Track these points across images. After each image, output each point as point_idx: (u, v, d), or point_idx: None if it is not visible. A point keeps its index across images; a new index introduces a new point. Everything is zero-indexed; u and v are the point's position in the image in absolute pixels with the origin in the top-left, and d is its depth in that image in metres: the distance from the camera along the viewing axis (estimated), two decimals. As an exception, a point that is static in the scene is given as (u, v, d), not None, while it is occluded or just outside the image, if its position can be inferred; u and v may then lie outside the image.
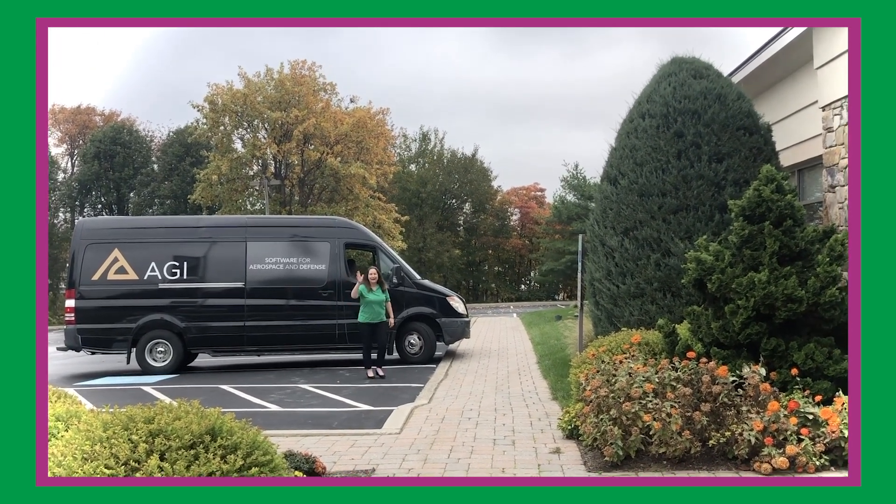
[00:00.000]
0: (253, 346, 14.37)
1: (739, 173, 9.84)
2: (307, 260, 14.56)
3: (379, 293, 12.33)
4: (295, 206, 37.59)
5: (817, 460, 5.68)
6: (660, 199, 9.90)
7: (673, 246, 9.67)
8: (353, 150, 36.92)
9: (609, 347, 8.06)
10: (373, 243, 15.51)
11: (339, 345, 14.48)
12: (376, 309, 12.27)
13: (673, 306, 9.57)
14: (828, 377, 6.57)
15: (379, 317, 12.31)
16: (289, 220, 18.61)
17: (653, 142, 10.16)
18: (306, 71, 37.68)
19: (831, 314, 6.69)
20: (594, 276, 10.71)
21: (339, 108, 38.24)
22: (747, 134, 10.06)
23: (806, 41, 10.64)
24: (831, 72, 9.88)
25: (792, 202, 7.04)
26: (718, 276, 7.01)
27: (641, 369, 6.57)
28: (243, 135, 38.00)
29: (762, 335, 6.77)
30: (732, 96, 10.23)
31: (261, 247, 14.50)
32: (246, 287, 14.21)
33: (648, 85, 10.87)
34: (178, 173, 44.77)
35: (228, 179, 36.29)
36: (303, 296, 14.39)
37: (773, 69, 12.30)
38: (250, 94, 35.63)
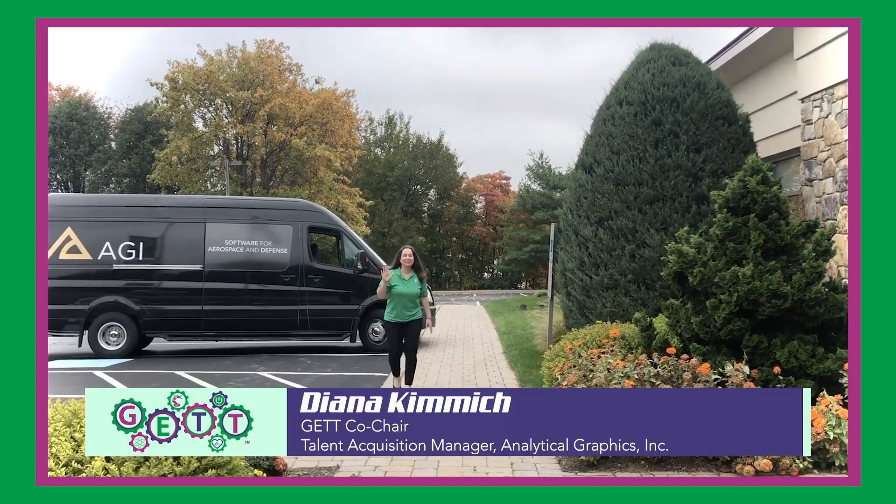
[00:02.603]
0: (211, 331, 13.88)
1: (717, 164, 9.61)
2: (269, 243, 14.10)
3: (414, 282, 8.93)
4: (256, 187, 36.87)
5: (801, 462, 5.50)
6: (636, 189, 9.64)
7: (648, 237, 9.43)
8: (317, 132, 36.28)
9: (585, 341, 7.79)
10: (337, 228, 15.09)
11: (301, 331, 14.07)
12: (407, 304, 8.86)
13: (647, 299, 9.33)
14: (811, 376, 6.36)
15: (411, 314, 8.89)
16: (251, 201, 18.07)
17: (630, 129, 9.88)
18: (273, 51, 36.92)
19: (816, 311, 6.47)
20: (566, 266, 10.44)
21: (304, 89, 37.56)
22: (726, 124, 9.83)
23: (785, 31, 10.44)
24: (812, 63, 9.69)
25: (777, 194, 6.81)
26: (700, 270, 6.75)
27: (620, 364, 6.31)
28: (204, 114, 37.15)
29: (744, 331, 6.53)
30: (712, 85, 9.99)
31: (221, 228, 14.00)
32: (204, 270, 13.73)
33: (626, 71, 10.59)
34: (137, 152, 43.65)
35: (189, 159, 35.45)
36: (264, 280, 13.94)
37: (750, 59, 12.10)
38: (213, 72, 34.78)
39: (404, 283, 8.87)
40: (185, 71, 34.84)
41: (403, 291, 8.84)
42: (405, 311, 8.87)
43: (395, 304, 8.85)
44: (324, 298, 14.09)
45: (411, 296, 8.88)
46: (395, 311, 8.89)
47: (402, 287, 8.84)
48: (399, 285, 8.84)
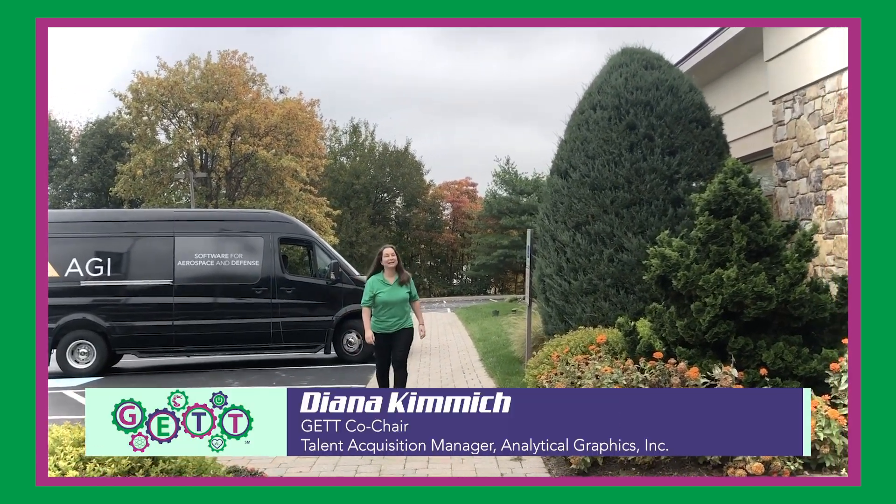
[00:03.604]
0: (182, 347, 13.61)
1: (692, 167, 9.64)
2: (239, 255, 13.87)
3: (398, 287, 7.93)
4: (222, 199, 36.43)
5: (792, 464, 5.49)
6: (612, 193, 9.62)
7: (626, 241, 9.41)
8: (282, 142, 35.97)
9: (570, 347, 7.73)
10: (309, 238, 14.92)
11: (274, 344, 13.86)
12: (396, 311, 7.89)
13: (627, 303, 9.30)
14: (797, 377, 6.36)
15: (400, 323, 7.91)
16: (220, 213, 17.80)
17: (605, 134, 9.87)
18: (236, 61, 36.56)
19: (800, 312, 6.48)
20: (544, 271, 10.39)
21: (268, 99, 37.23)
22: (700, 127, 9.86)
23: (755, 33, 10.52)
24: (782, 65, 9.77)
25: (759, 196, 6.81)
26: (684, 273, 6.73)
27: (608, 371, 6.25)
28: (167, 126, 36.65)
29: (730, 334, 6.52)
30: (685, 88, 10.02)
31: (190, 242, 13.75)
32: (174, 284, 13.46)
33: (599, 76, 10.59)
34: (99, 166, 42.89)
35: (152, 172, 34.92)
36: (235, 293, 13.72)
37: (720, 60, 12.19)
38: (178, 83, 34.33)
39: (390, 289, 7.88)
40: (149, 82, 34.35)
41: (390, 299, 7.85)
42: (393, 319, 7.90)
43: (380, 312, 7.89)
44: (297, 310, 13.90)
45: (400, 303, 7.92)
46: (382, 320, 7.89)
47: (389, 294, 7.85)
48: (384, 293, 7.83)
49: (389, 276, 7.97)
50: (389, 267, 7.97)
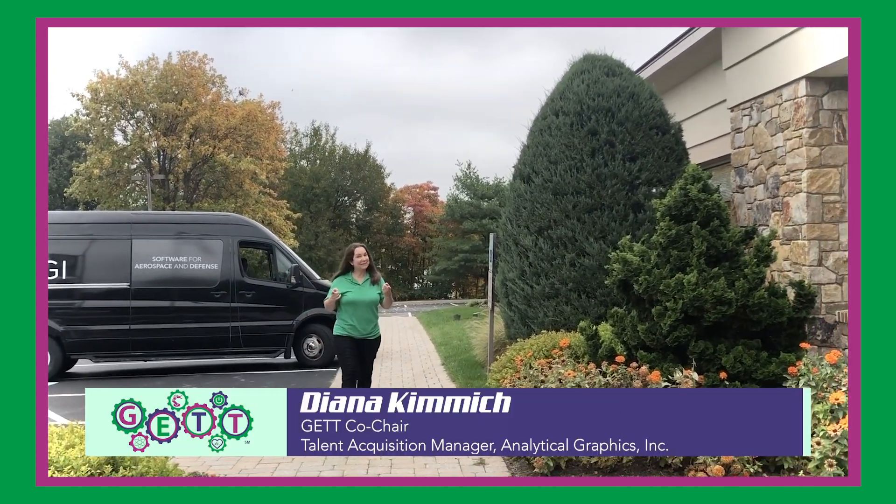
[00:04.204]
0: (139, 351, 13.39)
1: (653, 173, 9.75)
2: (198, 259, 13.70)
3: (368, 287, 7.31)
4: (179, 202, 35.94)
5: (752, 467, 5.55)
6: (574, 198, 9.69)
7: (588, 246, 9.48)
8: (242, 145, 35.61)
9: (534, 351, 7.76)
10: (269, 241, 14.79)
11: (233, 348, 13.71)
12: (366, 314, 7.29)
13: (588, 307, 9.37)
14: (756, 380, 6.45)
15: (367, 330, 7.32)
16: (179, 216, 17.57)
17: (567, 139, 9.95)
18: (196, 63, 36.12)
19: (759, 316, 6.58)
20: (507, 276, 10.43)
21: (228, 101, 36.84)
22: (660, 133, 9.98)
23: (714, 41, 10.69)
24: (740, 73, 9.93)
25: (718, 202, 6.91)
26: (646, 278, 6.80)
27: (571, 375, 6.29)
28: (125, 127, 36.07)
29: (690, 338, 6.59)
30: (645, 95, 10.14)
31: (148, 245, 13.54)
32: (131, 288, 13.25)
33: (561, 82, 10.67)
34: (54, 167, 42.11)
35: (109, 173, 34.31)
36: (193, 297, 13.55)
37: (679, 68, 12.36)
38: (137, 83, 33.80)
39: (359, 288, 7.27)
40: (108, 82, 33.77)
41: (359, 299, 7.22)
42: (363, 324, 7.27)
43: (348, 315, 7.24)
44: (256, 314, 13.78)
45: (369, 304, 7.30)
46: (350, 324, 7.24)
47: (357, 293, 7.23)
48: (352, 292, 7.24)
49: (359, 276, 7.37)
50: (361, 268, 7.36)
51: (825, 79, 8.38)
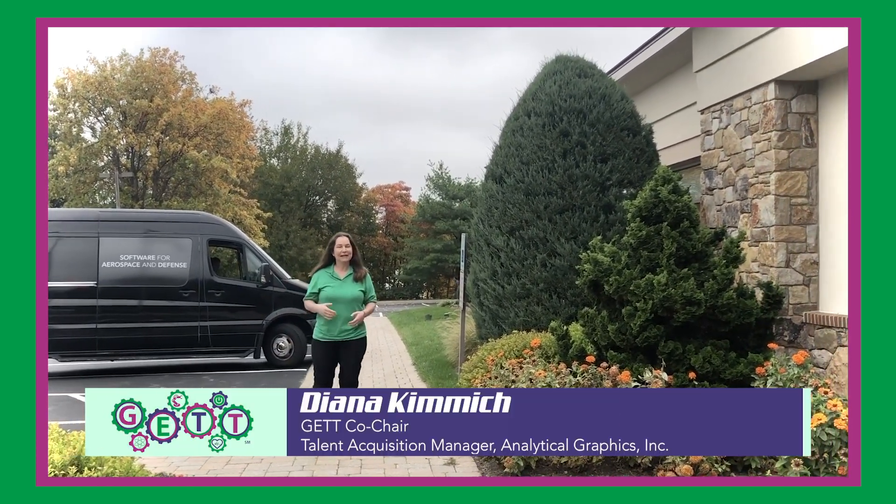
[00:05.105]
0: (106, 351, 13.24)
1: (623, 174, 9.80)
2: (167, 257, 13.56)
3: (350, 283, 6.58)
4: (148, 200, 35.54)
5: (720, 467, 5.60)
6: (546, 199, 9.72)
7: (559, 246, 9.51)
8: (212, 143, 35.29)
9: (505, 351, 7.76)
10: (239, 240, 14.68)
11: (202, 348, 13.60)
12: (342, 313, 6.51)
13: (559, 307, 9.40)
14: (724, 380, 6.51)
15: (347, 330, 6.57)
16: (147, 214, 17.37)
17: (539, 140, 9.97)
18: (167, 60, 35.74)
19: (728, 317, 6.64)
20: (479, 276, 10.43)
21: (199, 99, 36.49)
22: (631, 135, 10.04)
23: (685, 44, 10.76)
24: (710, 76, 10.00)
25: (688, 203, 6.97)
26: (616, 278, 6.83)
27: (542, 374, 6.29)
28: (93, 123, 35.59)
29: (660, 338, 6.63)
30: (616, 96, 10.19)
31: (115, 243, 13.39)
32: (98, 286, 13.09)
33: (533, 83, 10.69)
34: (18, 163, 41.40)
35: (76, 170, 33.82)
36: (162, 296, 13.41)
37: (650, 70, 12.44)
38: (107, 79, 33.35)
39: (339, 284, 6.54)
40: (76, 77, 33.30)
41: (337, 295, 6.48)
42: (341, 323, 6.53)
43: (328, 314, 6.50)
44: (225, 314, 13.68)
45: (349, 302, 6.53)
46: (328, 324, 6.55)
47: (337, 289, 6.50)
48: (330, 287, 6.51)
49: (341, 270, 6.65)
50: (342, 260, 6.63)
51: (794, 82, 8.47)
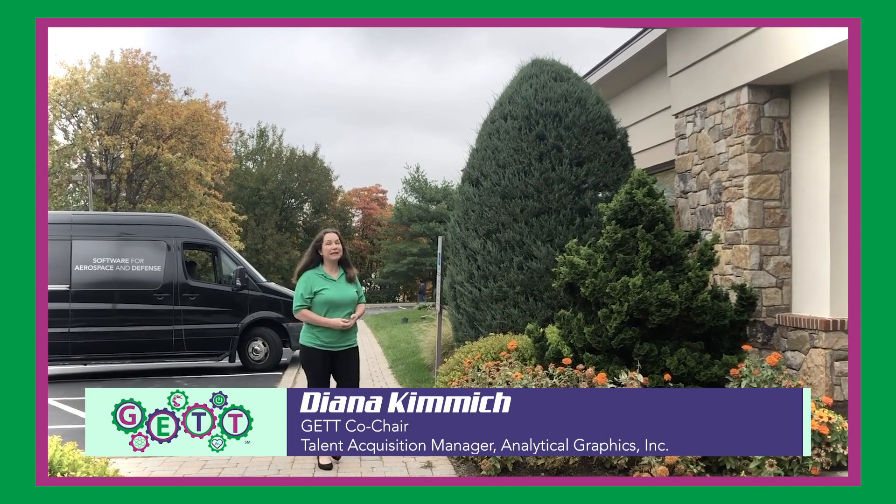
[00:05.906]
0: (79, 355, 13.08)
1: (599, 177, 9.85)
2: (141, 261, 13.46)
3: (345, 284, 6.02)
4: (122, 202, 35.22)
5: (695, 468, 5.64)
6: (522, 202, 9.74)
7: (535, 249, 9.54)
8: (186, 145, 35.04)
9: (482, 353, 7.77)
10: (214, 243, 14.59)
11: (177, 352, 13.49)
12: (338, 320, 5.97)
13: (535, 310, 9.42)
14: (699, 382, 6.56)
15: (345, 337, 6.08)
16: (121, 216, 17.18)
17: (515, 143, 9.99)
18: (139, 61, 35.43)
19: (702, 319, 6.69)
20: (455, 278, 10.43)
21: (174, 101, 36.23)
22: (606, 138, 10.09)
23: (659, 48, 10.86)
24: (684, 80, 10.09)
25: (663, 206, 7.01)
26: (592, 281, 6.87)
27: (518, 377, 6.31)
28: (65, 126, 35.23)
29: (635, 340, 6.67)
30: (592, 100, 10.24)
31: (88, 246, 13.26)
32: (71, 290, 12.95)
33: (510, 86, 10.72)
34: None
35: (49, 173, 33.45)
36: (136, 299, 13.30)
37: (625, 75, 12.53)
38: (78, 82, 33.01)
39: (334, 285, 5.97)
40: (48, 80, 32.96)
41: (338, 298, 5.94)
42: (338, 331, 5.99)
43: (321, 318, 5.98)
44: (200, 317, 13.58)
45: (348, 304, 6.01)
46: (327, 331, 5.96)
47: (335, 291, 5.94)
48: (328, 289, 5.93)
49: (332, 269, 6.08)
50: (332, 259, 6.05)
51: (767, 87, 8.57)
